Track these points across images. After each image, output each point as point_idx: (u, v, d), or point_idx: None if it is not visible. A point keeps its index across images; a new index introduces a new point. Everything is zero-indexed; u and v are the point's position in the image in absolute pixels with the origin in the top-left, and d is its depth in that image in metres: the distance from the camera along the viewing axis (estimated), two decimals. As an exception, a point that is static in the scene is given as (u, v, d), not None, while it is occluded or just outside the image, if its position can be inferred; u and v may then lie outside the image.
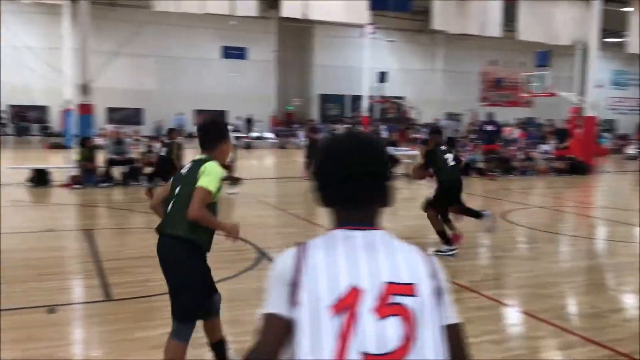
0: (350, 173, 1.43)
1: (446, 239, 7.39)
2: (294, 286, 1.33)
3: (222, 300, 5.57)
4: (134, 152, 14.92)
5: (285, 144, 31.30)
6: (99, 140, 16.12)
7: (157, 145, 14.81)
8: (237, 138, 29.99)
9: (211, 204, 3.33)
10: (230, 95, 37.14)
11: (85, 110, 14.20)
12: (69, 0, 17.81)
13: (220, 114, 37.46)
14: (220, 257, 7.11)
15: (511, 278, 6.84)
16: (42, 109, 34.46)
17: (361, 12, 18.98)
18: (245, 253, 7.20)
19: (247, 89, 37.30)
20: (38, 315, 4.89)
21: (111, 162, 14.03)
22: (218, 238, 3.53)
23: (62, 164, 14.84)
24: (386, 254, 1.37)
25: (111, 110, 33.83)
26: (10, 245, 7.67)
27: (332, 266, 1.33)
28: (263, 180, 16.17)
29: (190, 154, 13.75)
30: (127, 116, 34.20)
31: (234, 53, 32.95)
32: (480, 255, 8.05)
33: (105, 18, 28.44)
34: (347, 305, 1.29)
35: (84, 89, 14.01)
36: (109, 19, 29.88)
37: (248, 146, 28.69)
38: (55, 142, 25.20)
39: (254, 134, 32.91)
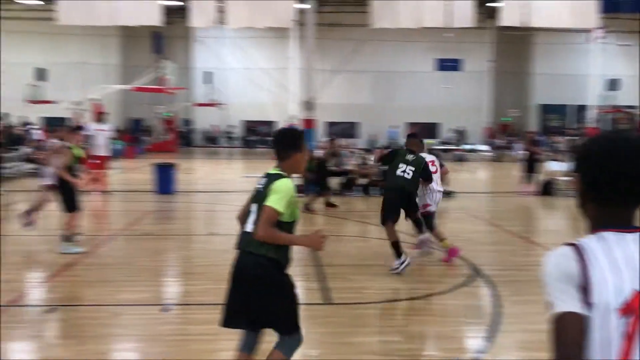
0: (636, 173, 1.46)
1: (399, 253, 6.71)
2: (585, 288, 1.42)
3: (433, 314, 5.57)
4: (350, 164, 15.59)
5: (501, 156, 30.02)
6: (318, 153, 17.15)
7: (371, 157, 15.32)
8: (449, 150, 29.77)
9: (288, 222, 3.30)
10: (443, 107, 36.99)
11: (309, 124, 15.25)
12: (296, 24, 19.32)
13: (433, 126, 37.51)
14: (433, 271, 7.12)
15: None
16: (269, 124, 37.96)
17: (589, 16, 17.59)
18: (459, 269, 7.08)
19: (460, 101, 36.82)
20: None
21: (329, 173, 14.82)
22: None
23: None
24: None
25: (330, 125, 35.92)
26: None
27: (615, 270, 1.43)
28: (477, 195, 15.75)
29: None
30: (343, 130, 35.96)
31: (448, 65, 32.78)
32: None
33: (327, 38, 30.28)
34: (632, 308, 1.40)
35: (308, 105, 15.07)
36: (330, 39, 31.78)
37: (460, 159, 28.18)
38: (281, 154, 27.44)
39: (467, 146, 32.26)
